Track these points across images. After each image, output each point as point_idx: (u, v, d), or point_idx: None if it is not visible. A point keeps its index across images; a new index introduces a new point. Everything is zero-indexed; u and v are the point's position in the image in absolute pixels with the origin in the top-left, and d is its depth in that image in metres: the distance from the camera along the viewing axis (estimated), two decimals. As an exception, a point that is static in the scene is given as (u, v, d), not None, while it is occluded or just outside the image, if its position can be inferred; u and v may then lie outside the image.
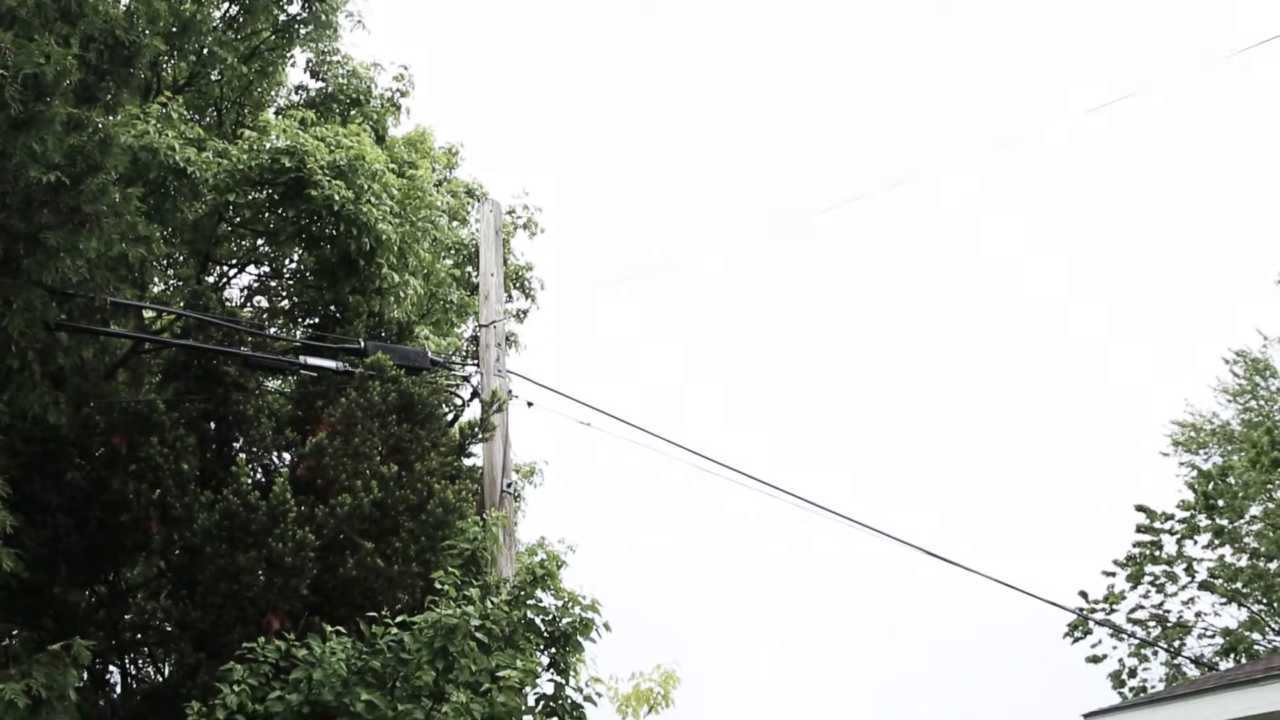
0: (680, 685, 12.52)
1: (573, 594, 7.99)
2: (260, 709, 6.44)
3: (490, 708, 6.75)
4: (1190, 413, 28.31)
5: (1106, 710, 9.68)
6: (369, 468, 7.78)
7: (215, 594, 7.35)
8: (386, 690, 6.70)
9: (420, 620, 6.84)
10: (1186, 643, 23.89)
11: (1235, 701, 8.48)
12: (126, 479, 7.60)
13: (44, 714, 5.57)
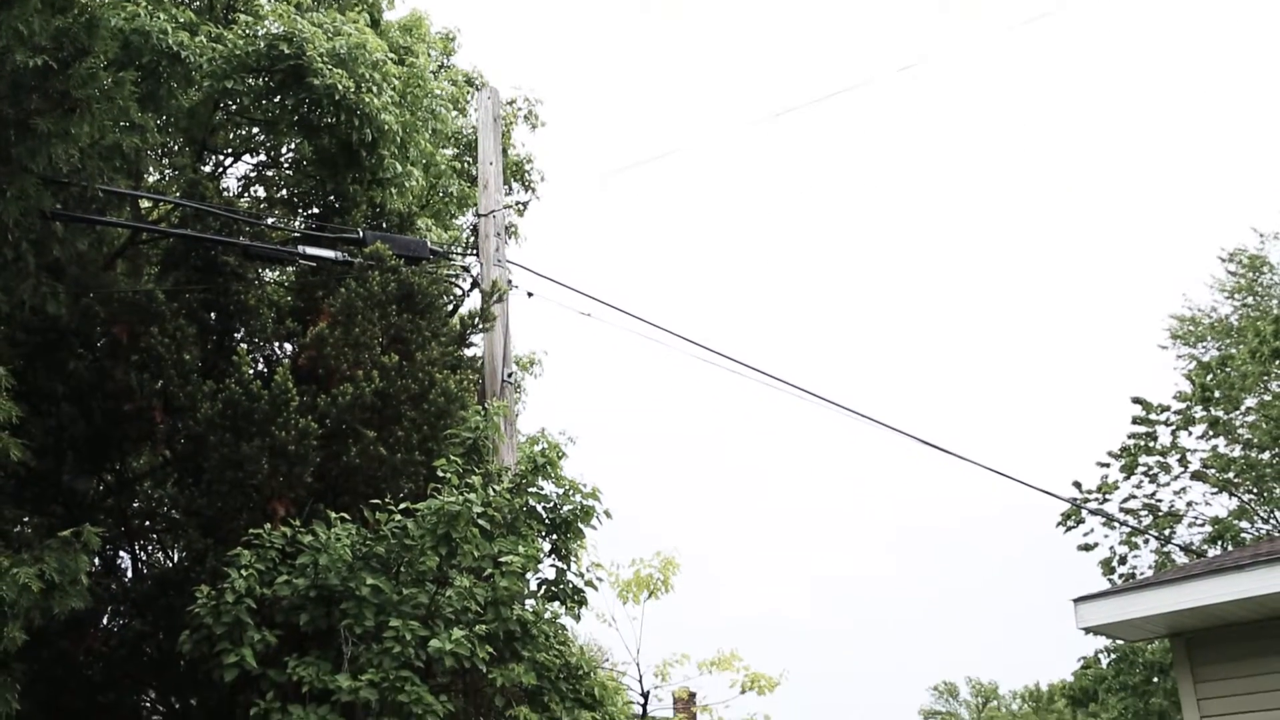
0: (680, 571, 12.80)
1: (573, 482, 8.11)
2: (268, 593, 6.58)
3: (493, 592, 6.91)
4: (1188, 307, 28.33)
5: (1096, 595, 9.89)
6: (370, 357, 7.80)
7: (221, 482, 7.44)
8: (391, 575, 6.84)
9: (423, 507, 6.94)
10: (1176, 531, 24.34)
11: (1222, 586, 8.65)
12: (129, 369, 7.63)
13: (57, 597, 5.69)
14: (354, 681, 6.24)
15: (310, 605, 6.63)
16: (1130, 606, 9.43)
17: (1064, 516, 24.92)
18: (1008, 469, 12.27)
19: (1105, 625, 9.91)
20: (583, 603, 8.06)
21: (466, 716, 6.87)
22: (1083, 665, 27.21)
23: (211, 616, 6.37)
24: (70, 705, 7.63)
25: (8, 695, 5.57)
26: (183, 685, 7.98)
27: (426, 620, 6.64)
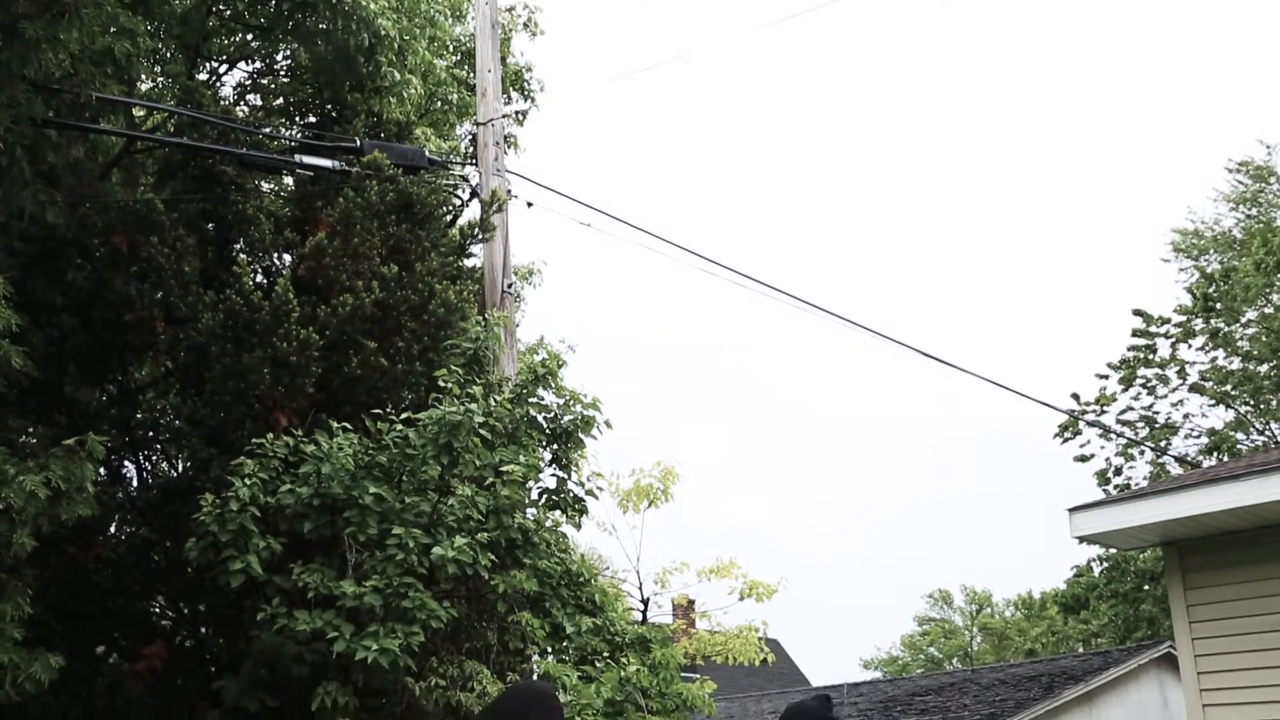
0: (679, 481, 12.96)
1: (574, 392, 8.15)
2: (272, 501, 6.65)
3: (495, 500, 6.98)
4: (1191, 219, 28.15)
5: (1091, 504, 10.01)
6: (369, 268, 7.78)
7: (223, 392, 7.47)
8: (393, 484, 6.91)
9: (424, 417, 6.98)
10: (1172, 443, 24.54)
11: (1216, 496, 8.74)
12: (129, 279, 7.61)
13: (64, 504, 5.76)
14: (358, 587, 6.34)
15: (314, 513, 6.71)
16: (1124, 516, 9.55)
17: (1061, 428, 25.12)
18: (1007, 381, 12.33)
19: (1099, 534, 10.04)
20: (583, 511, 8.16)
21: (469, 622, 7.01)
22: (1075, 574, 27.69)
23: (217, 524, 6.45)
24: (81, 610, 7.77)
25: (20, 599, 5.67)
26: (190, 591, 8.12)
27: (429, 528, 6.73)
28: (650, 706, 7.14)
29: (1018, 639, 41.26)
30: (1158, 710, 13.01)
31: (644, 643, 7.64)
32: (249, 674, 6.83)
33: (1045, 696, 12.10)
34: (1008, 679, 14.40)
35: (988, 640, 46.91)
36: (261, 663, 6.75)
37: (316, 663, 6.52)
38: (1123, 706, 12.72)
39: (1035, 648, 35.83)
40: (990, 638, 46.42)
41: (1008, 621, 46.54)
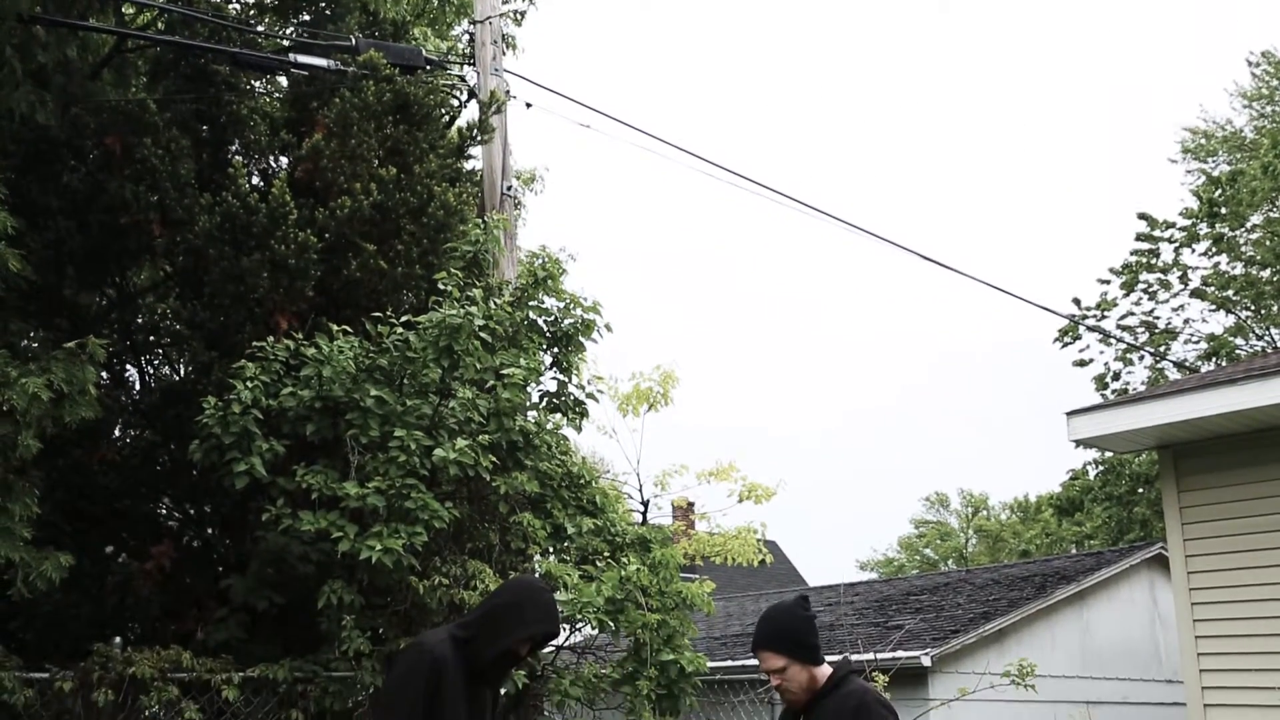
0: (679, 385, 13.03)
1: (574, 296, 8.13)
2: (274, 404, 6.68)
3: (495, 403, 7.02)
4: (1203, 118, 27.74)
5: (1088, 408, 10.08)
6: (367, 170, 7.69)
7: (222, 295, 7.46)
8: (394, 387, 6.94)
9: (425, 320, 6.98)
10: (1171, 348, 24.59)
11: (1213, 400, 8.80)
12: (123, 182, 7.53)
13: (67, 407, 5.79)
14: (361, 489, 6.41)
15: (316, 416, 6.75)
16: (1121, 419, 9.63)
17: (1061, 333, 25.14)
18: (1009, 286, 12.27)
19: (1096, 438, 10.14)
20: (584, 414, 8.21)
21: (471, 522, 7.10)
22: (1071, 477, 27.99)
23: (220, 427, 6.49)
24: (88, 511, 7.88)
25: (27, 500, 5.74)
26: (196, 492, 8.22)
27: (430, 430, 6.78)
28: (650, 604, 7.27)
29: (1012, 541, 41.90)
30: (1147, 609, 13.26)
31: (644, 543, 7.75)
32: (255, 573, 6.95)
33: (1038, 596, 12.33)
34: (1001, 579, 14.65)
35: (983, 542, 47.65)
36: (267, 562, 6.86)
37: (321, 562, 6.63)
38: (1113, 606, 12.97)
39: (1029, 549, 36.41)
40: (985, 540, 47.14)
41: (1003, 524, 47.21)
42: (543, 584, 4.42)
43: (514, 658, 4.20)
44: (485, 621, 4.18)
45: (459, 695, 4.07)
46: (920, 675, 10.45)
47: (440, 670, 4.02)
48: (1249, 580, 8.97)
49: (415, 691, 3.97)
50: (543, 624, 4.17)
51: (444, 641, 4.15)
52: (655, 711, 7.19)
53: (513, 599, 4.21)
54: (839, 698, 3.99)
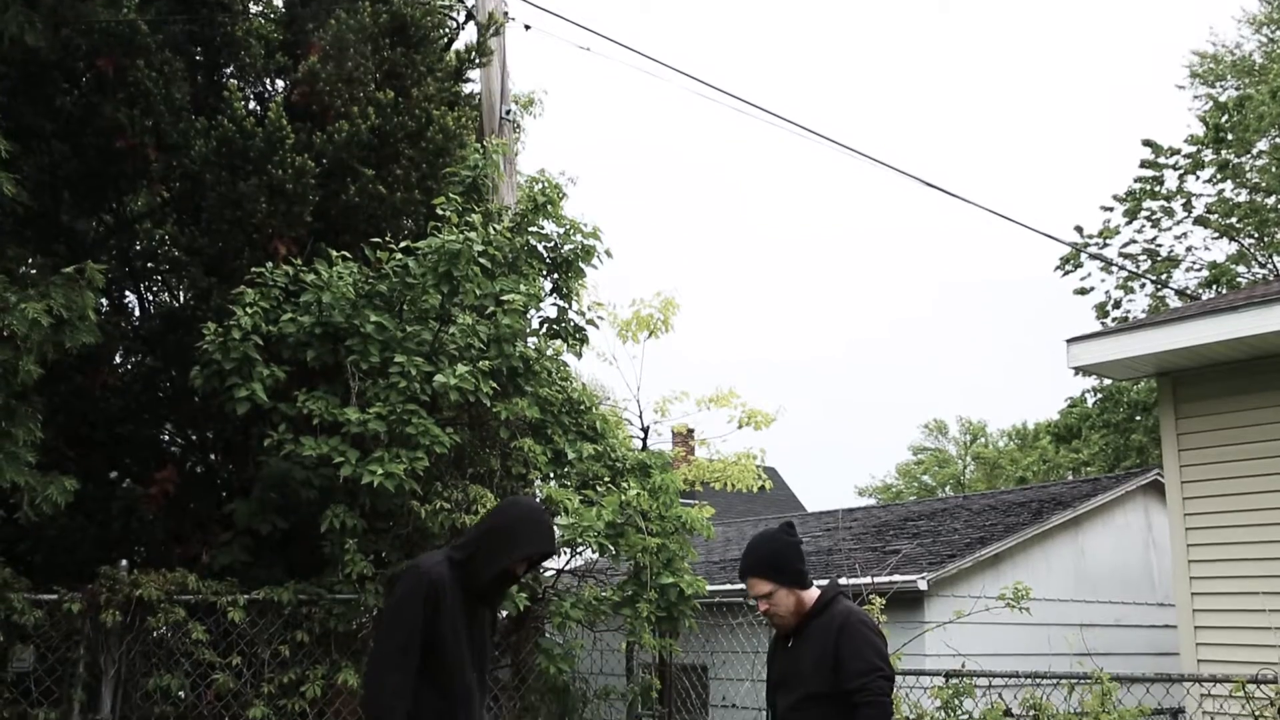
0: (679, 312, 13.03)
1: (574, 221, 8.09)
2: (274, 330, 6.68)
3: (495, 329, 7.02)
4: (1212, 42, 27.33)
5: (1088, 335, 10.08)
6: (364, 94, 7.60)
7: (220, 221, 7.42)
8: (394, 313, 6.93)
9: (424, 245, 6.95)
10: (1173, 276, 24.51)
11: (1213, 327, 8.79)
12: (117, 105, 7.44)
13: (67, 332, 5.79)
14: (362, 414, 6.44)
15: (316, 342, 6.75)
16: (1121, 346, 9.63)
17: (1063, 260, 25.05)
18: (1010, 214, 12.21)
19: (1095, 365, 10.16)
20: (584, 340, 8.21)
21: (472, 448, 7.14)
22: (1069, 405, 28.10)
23: (220, 353, 6.50)
24: (91, 436, 7.92)
25: (30, 425, 5.77)
26: (198, 418, 8.26)
27: (430, 356, 6.79)
28: (650, 529, 7.34)
29: (1010, 468, 42.22)
30: (1141, 535, 13.40)
31: (644, 468, 7.80)
32: (258, 497, 7.01)
33: (1034, 521, 12.45)
34: (998, 505, 14.79)
35: (980, 469, 48.02)
36: (270, 487, 6.92)
37: (324, 487, 6.69)
38: (1108, 531, 13.10)
39: (1026, 476, 36.71)
40: (983, 467, 47.50)
41: (1000, 451, 47.53)
42: (538, 505, 4.44)
43: (511, 577, 4.24)
44: (482, 543, 4.21)
45: (458, 616, 4.11)
46: (916, 599, 10.59)
47: (438, 592, 4.05)
48: (1243, 506, 9.05)
49: (414, 613, 4.01)
50: (538, 544, 4.19)
51: (441, 563, 4.19)
52: (655, 633, 7.30)
53: (508, 520, 4.24)
54: (826, 619, 4.05)
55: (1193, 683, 6.65)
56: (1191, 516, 9.44)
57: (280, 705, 6.36)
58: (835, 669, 3.91)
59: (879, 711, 3.84)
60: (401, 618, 4.01)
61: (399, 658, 3.94)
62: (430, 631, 4.01)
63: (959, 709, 5.71)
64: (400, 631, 3.98)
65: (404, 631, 3.97)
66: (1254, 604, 8.61)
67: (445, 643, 4.05)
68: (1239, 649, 8.58)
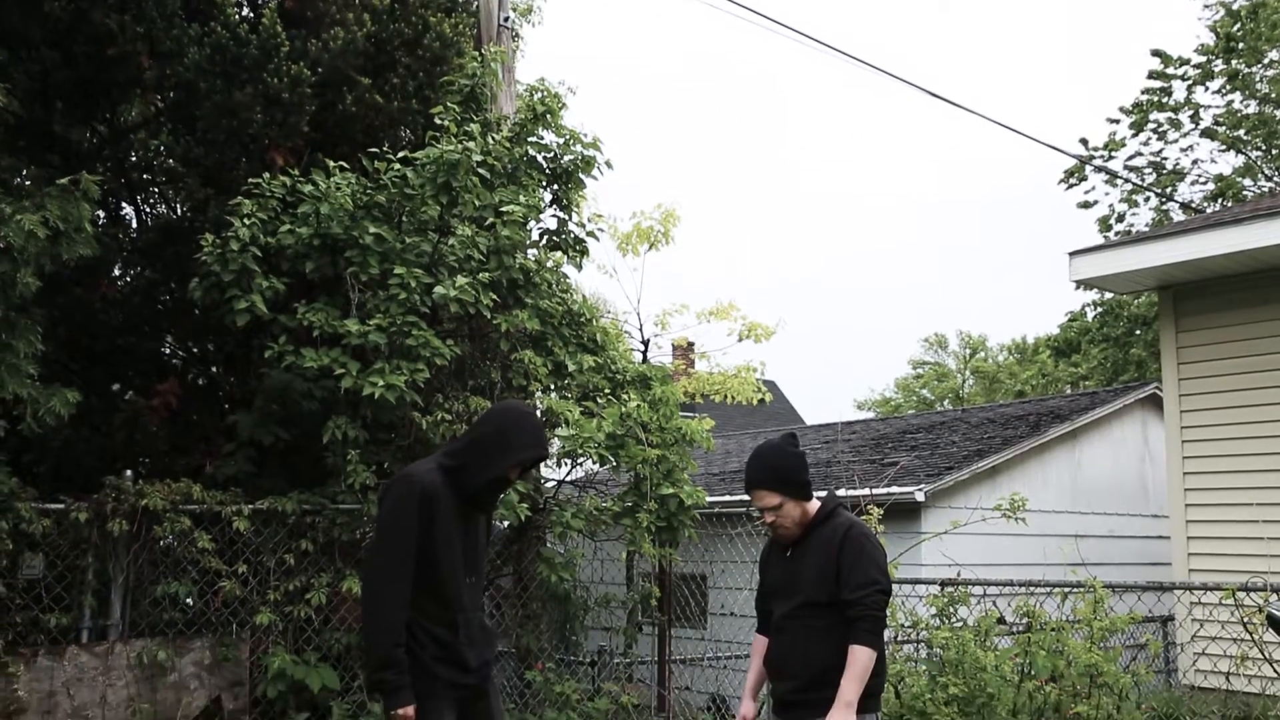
0: (680, 224, 12.95)
1: (574, 132, 7.99)
2: (272, 241, 6.64)
3: (495, 241, 6.98)
4: (1226, -53, 26.69)
5: (1091, 249, 10.03)
6: (359, 0, 7.44)
7: (215, 130, 7.33)
8: (393, 224, 6.89)
9: (422, 156, 6.88)
10: (1178, 189, 24.30)
11: (1216, 240, 8.75)
12: (108, 10, 7.29)
13: (64, 244, 5.75)
14: (362, 326, 6.43)
15: (315, 254, 6.72)
16: (1123, 259, 9.60)
17: (1067, 174, 24.82)
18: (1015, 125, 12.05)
19: (1097, 278, 10.13)
20: (584, 252, 8.17)
21: (473, 360, 7.16)
22: (1070, 319, 28.10)
23: (219, 264, 6.47)
24: (93, 349, 7.94)
25: (31, 337, 5.76)
26: (199, 331, 8.26)
27: (430, 268, 6.76)
28: (650, 440, 7.39)
29: (1009, 382, 42.37)
30: (1138, 448, 13.50)
31: (644, 380, 7.83)
32: (261, 409, 7.05)
33: (1031, 434, 12.53)
34: (996, 418, 14.88)
35: (979, 383, 48.20)
36: (272, 399, 6.95)
37: (325, 398, 6.72)
38: (1105, 444, 13.19)
39: (1025, 390, 36.86)
40: (982, 380, 47.66)
41: (1000, 365, 47.65)
42: (528, 408, 4.43)
43: (504, 483, 4.24)
44: (473, 449, 4.19)
45: (451, 523, 4.13)
46: (914, 510, 10.72)
47: (431, 499, 4.06)
48: (1240, 419, 9.11)
49: (407, 522, 4.01)
50: (531, 449, 4.18)
51: (432, 471, 4.18)
52: (655, 543, 7.40)
53: (499, 426, 4.22)
54: (828, 531, 4.09)
55: (1184, 590, 6.76)
56: (1189, 430, 9.51)
57: (286, 612, 6.48)
58: (836, 580, 3.96)
59: (873, 624, 3.91)
60: (395, 527, 4.01)
61: (396, 568, 3.96)
62: (424, 539, 4.02)
63: (954, 616, 5.81)
64: (395, 541, 3.99)
65: (399, 541, 3.98)
66: (1246, 515, 8.71)
67: (439, 550, 4.07)
68: (1229, 559, 8.71)
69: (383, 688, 3.97)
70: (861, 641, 3.86)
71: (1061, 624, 5.37)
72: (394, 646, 3.95)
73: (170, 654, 6.23)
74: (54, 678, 5.92)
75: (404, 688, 3.95)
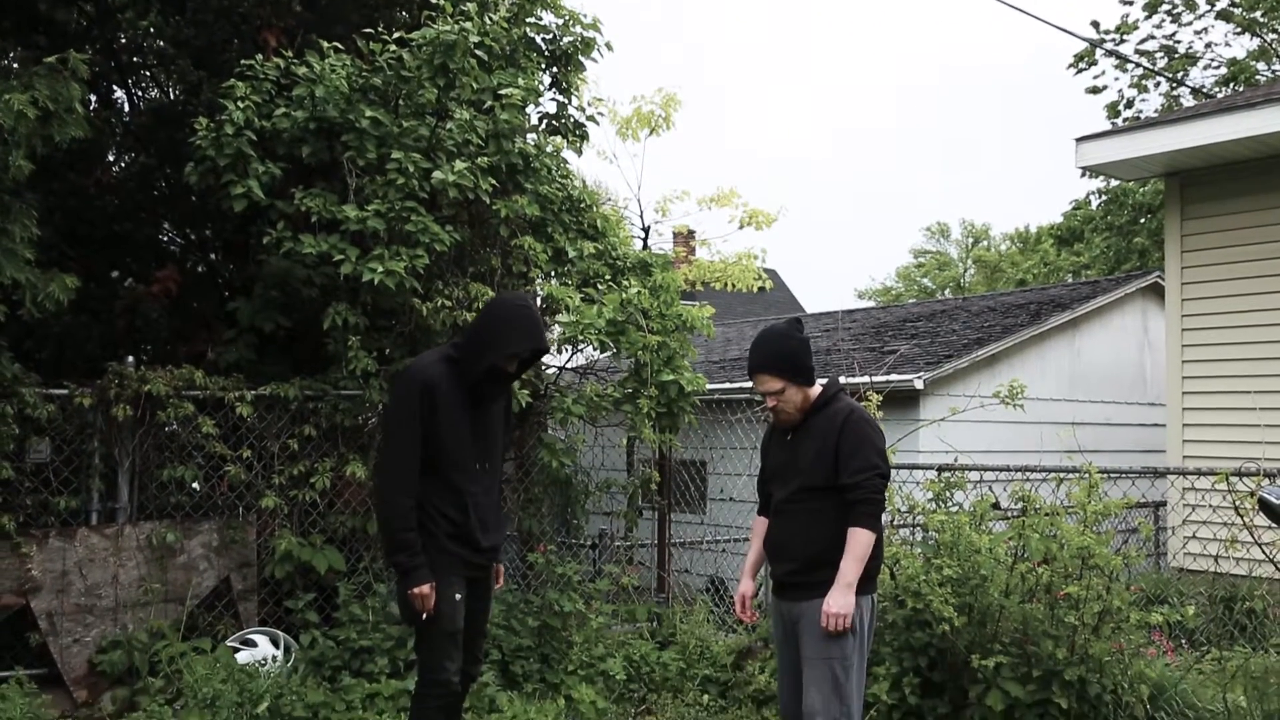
0: (681, 108, 12.72)
1: (573, 12, 7.79)
2: (267, 125, 6.53)
3: (494, 125, 6.86)
4: None
5: (1099, 134, 9.89)
6: None
7: (205, 10, 7.16)
8: (390, 108, 6.76)
9: (418, 37, 6.71)
10: (1190, 74, 23.83)
11: (1227, 125, 8.62)
12: (89, -117, 7.05)
13: (55, 125, 5.64)
14: (360, 212, 6.36)
15: (311, 138, 6.61)
16: (1132, 145, 9.47)
17: (1076, 58, 24.32)
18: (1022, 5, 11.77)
19: (1104, 164, 10.02)
20: (584, 137, 8.03)
21: (473, 246, 7.10)
22: (1074, 207, 27.87)
23: (214, 149, 6.37)
24: (89, 235, 7.89)
25: (26, 220, 5.70)
26: (196, 217, 8.20)
27: (428, 153, 6.66)
28: (650, 327, 7.39)
29: (1010, 271, 42.21)
30: (1137, 336, 13.51)
31: (645, 267, 7.79)
32: (261, 296, 7.03)
33: (1032, 323, 12.52)
34: (997, 306, 14.85)
35: (981, 272, 48.04)
36: (272, 285, 6.92)
37: (325, 285, 6.69)
38: (1105, 333, 13.20)
39: (1026, 279, 36.76)
40: (984, 270, 47.49)
41: (1002, 255, 47.42)
42: (524, 302, 4.44)
43: (502, 374, 4.34)
44: (470, 341, 4.32)
45: (457, 410, 4.23)
46: (913, 398, 10.77)
47: (431, 390, 4.18)
48: (1240, 307, 9.10)
49: (408, 414, 4.16)
50: (522, 342, 4.27)
51: (437, 362, 4.29)
52: (655, 429, 7.46)
53: (491, 320, 4.30)
54: (828, 415, 4.11)
55: (1178, 475, 6.85)
56: (1189, 318, 9.51)
57: (291, 496, 6.57)
58: (834, 464, 3.99)
59: (872, 507, 3.96)
60: (397, 420, 4.19)
61: (400, 458, 4.14)
62: (429, 428, 4.17)
63: (950, 501, 5.89)
64: (397, 434, 4.17)
65: (401, 433, 4.15)
66: (1243, 402, 8.77)
67: (445, 438, 4.20)
68: (1224, 445, 8.80)
69: (399, 570, 4.16)
70: (861, 524, 3.91)
71: (1056, 508, 5.45)
72: (404, 531, 4.13)
73: (179, 536, 6.33)
74: (66, 558, 6.03)
75: (418, 568, 4.15)
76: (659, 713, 6.39)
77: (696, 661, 6.83)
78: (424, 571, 4.12)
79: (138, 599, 6.18)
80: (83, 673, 5.97)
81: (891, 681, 5.47)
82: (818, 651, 3.93)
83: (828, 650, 3.91)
